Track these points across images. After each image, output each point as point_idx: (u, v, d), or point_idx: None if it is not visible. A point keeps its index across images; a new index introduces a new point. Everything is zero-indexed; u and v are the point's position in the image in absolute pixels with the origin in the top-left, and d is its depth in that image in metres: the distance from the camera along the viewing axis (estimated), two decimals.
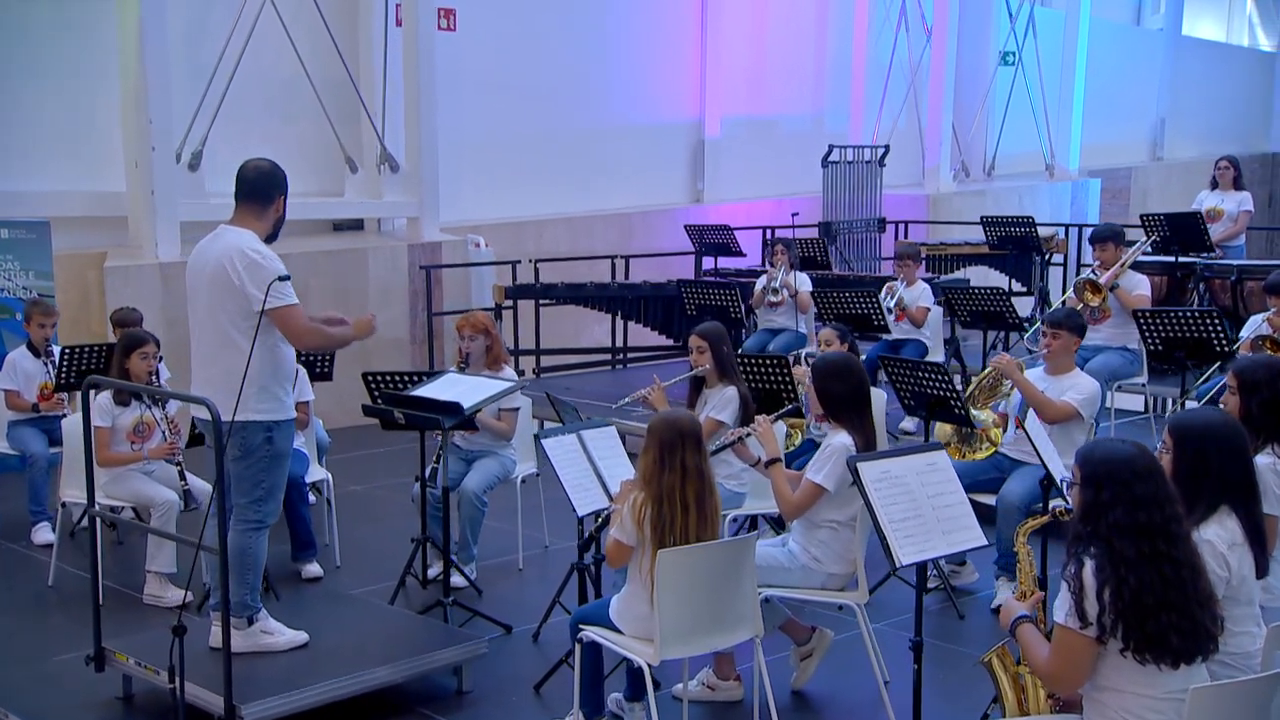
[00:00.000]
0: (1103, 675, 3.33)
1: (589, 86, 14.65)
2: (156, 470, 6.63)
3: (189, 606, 6.38)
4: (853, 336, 7.42)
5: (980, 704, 5.12)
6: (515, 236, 13.50)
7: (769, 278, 9.96)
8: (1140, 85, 21.59)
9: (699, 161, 15.81)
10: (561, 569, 7.04)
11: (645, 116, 15.30)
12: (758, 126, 16.27)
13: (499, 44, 13.57)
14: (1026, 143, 18.45)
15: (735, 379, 6.28)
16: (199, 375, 5.17)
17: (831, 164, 13.87)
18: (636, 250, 13.72)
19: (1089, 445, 3.44)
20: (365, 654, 5.22)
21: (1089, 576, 3.27)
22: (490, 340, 6.87)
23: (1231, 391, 4.56)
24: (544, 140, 14.23)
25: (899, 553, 4.07)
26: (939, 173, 16.51)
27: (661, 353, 12.54)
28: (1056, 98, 18.58)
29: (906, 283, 9.54)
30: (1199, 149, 23.17)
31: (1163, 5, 22.96)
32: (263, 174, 5.29)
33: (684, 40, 15.57)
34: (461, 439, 6.83)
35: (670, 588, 4.37)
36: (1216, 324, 7.44)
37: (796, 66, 16.81)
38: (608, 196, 14.90)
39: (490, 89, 13.47)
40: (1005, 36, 18.17)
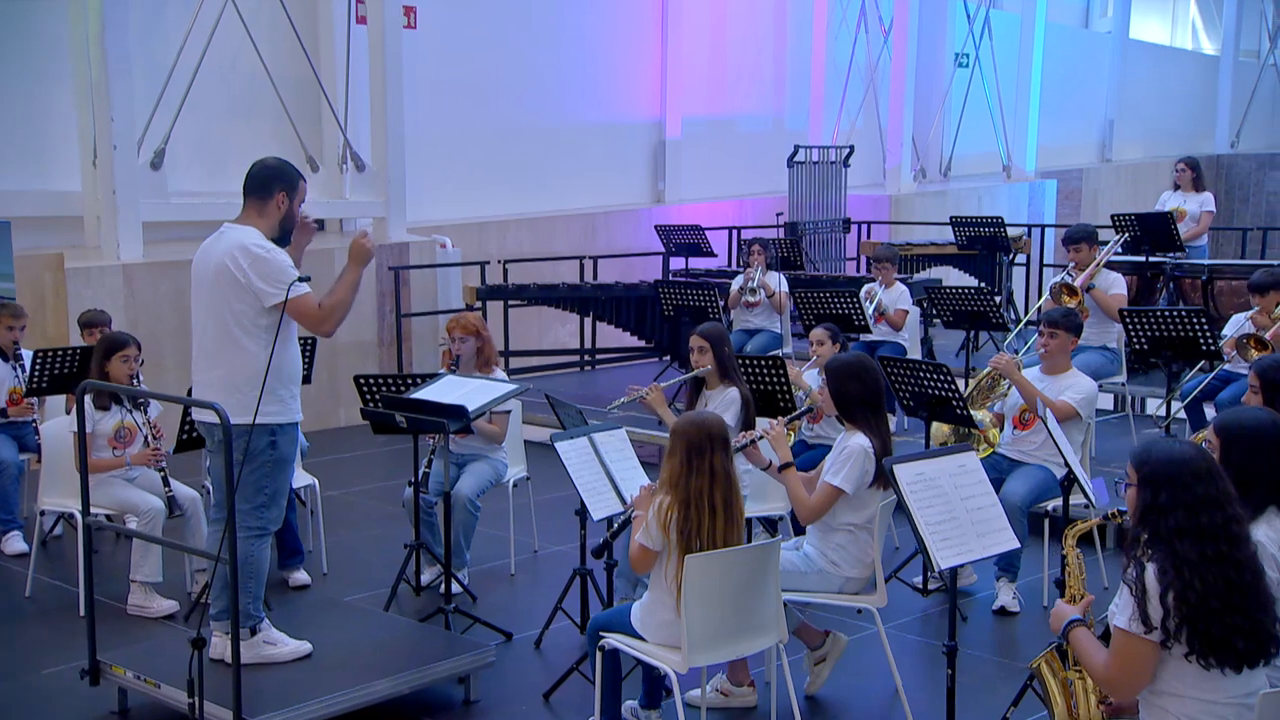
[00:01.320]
0: (1163, 680, 3.28)
1: (550, 86, 14.55)
2: (139, 476, 6.44)
3: (175, 617, 6.24)
4: (844, 336, 7.39)
5: (994, 707, 5.10)
6: (478, 237, 13.38)
7: (746, 278, 9.91)
8: (1089, 87, 21.83)
9: (660, 162, 15.76)
10: (553, 574, 6.97)
11: (606, 116, 15.23)
12: (718, 127, 16.25)
13: (458, 42, 13.43)
14: (983, 144, 18.57)
15: (737, 380, 6.21)
16: (200, 377, 5.02)
17: (797, 164, 13.85)
18: (600, 250, 13.65)
19: (1144, 446, 3.40)
20: (371, 664, 5.09)
21: (1151, 580, 3.22)
22: (481, 342, 6.75)
23: (1254, 391, 4.56)
24: (505, 140, 14.11)
25: (937, 556, 4.01)
26: (900, 173, 16.57)
27: (630, 354, 12.46)
28: (1013, 99, 18.73)
29: (884, 285, 9.54)
30: (1146, 151, 23.48)
31: (1110, 8, 23.22)
32: (264, 169, 5.13)
33: (644, 40, 15.51)
34: (452, 442, 6.70)
35: (698, 593, 4.29)
36: (1201, 323, 7.47)
37: (756, 67, 16.81)
38: (570, 197, 14.82)
39: (450, 88, 13.33)
40: (963, 38, 18.28)
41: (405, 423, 5.48)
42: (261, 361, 4.87)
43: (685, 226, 12.44)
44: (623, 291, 10.73)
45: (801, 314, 9.19)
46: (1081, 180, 20.63)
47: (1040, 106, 19.24)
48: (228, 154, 11.89)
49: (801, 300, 9.15)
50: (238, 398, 4.82)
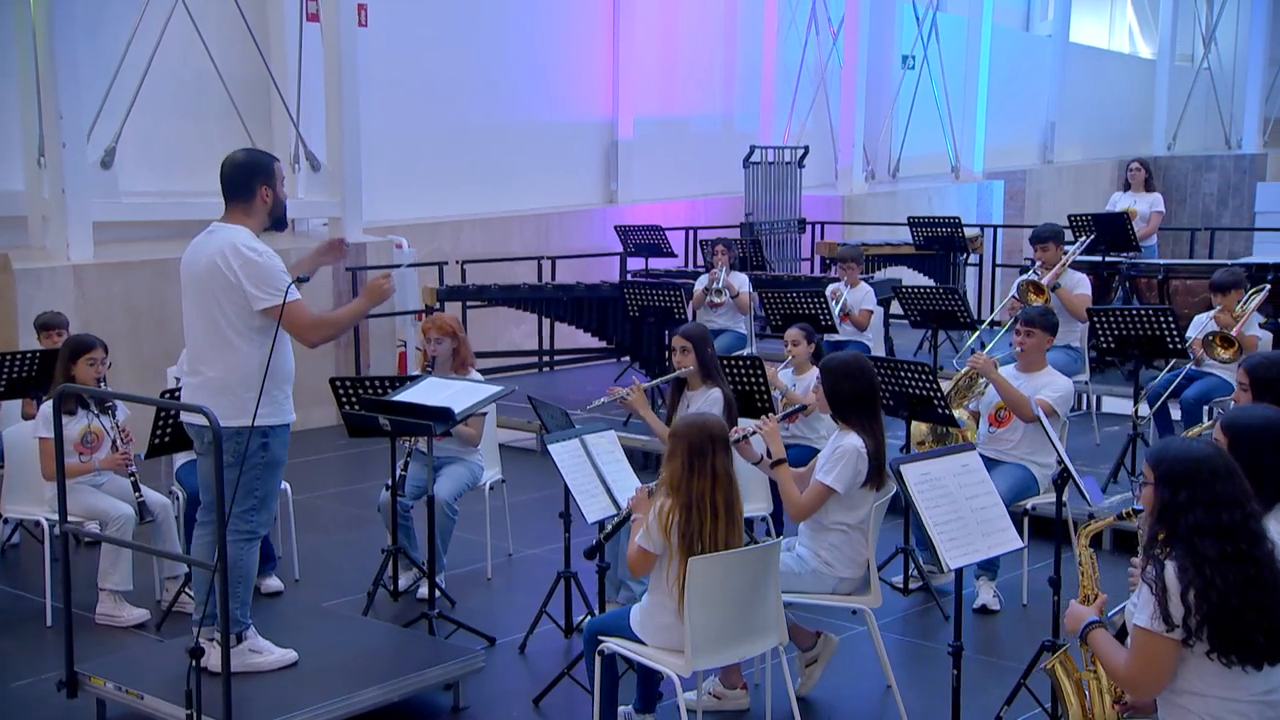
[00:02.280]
0: (1183, 679, 3.28)
1: (501, 86, 14.46)
2: (107, 482, 6.29)
3: (146, 625, 6.10)
4: (818, 337, 7.39)
5: (987, 706, 5.10)
6: (432, 237, 13.26)
7: (711, 278, 9.89)
8: (1031, 90, 22.04)
9: (612, 162, 15.71)
10: (530, 577, 6.91)
11: (558, 116, 15.16)
12: (670, 127, 16.23)
13: (409, 41, 13.29)
14: (930, 145, 18.71)
15: (719, 380, 6.19)
16: (192, 379, 4.91)
17: (753, 164, 13.86)
18: (555, 251, 13.59)
19: (1161, 445, 3.41)
20: (358, 672, 5.00)
21: (1172, 578, 3.22)
22: (457, 342, 6.68)
23: (1243, 389, 4.60)
24: (457, 140, 14.00)
25: (946, 557, 4.00)
26: (852, 174, 16.64)
27: (588, 355, 12.40)
28: (960, 101, 18.88)
29: (849, 285, 9.56)
30: (1086, 152, 23.77)
31: (1051, 12, 23.47)
32: (238, 167, 5.03)
33: (596, 40, 15.46)
34: (427, 445, 6.61)
35: (700, 596, 4.25)
36: (1168, 322, 7.55)
37: (707, 67, 16.81)
38: (523, 197, 14.73)
39: (400, 87, 13.19)
40: (910, 41, 18.40)
41: (389, 425, 5.38)
42: (254, 362, 4.81)
43: (645, 227, 12.41)
44: (584, 292, 10.66)
45: (768, 314, 9.19)
46: (1025, 181, 20.83)
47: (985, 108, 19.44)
48: (177, 153, 11.70)
49: (769, 300, 9.15)
50: (231, 399, 4.73)
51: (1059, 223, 10.19)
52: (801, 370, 7.17)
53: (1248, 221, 21.70)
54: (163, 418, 6.04)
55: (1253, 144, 24.76)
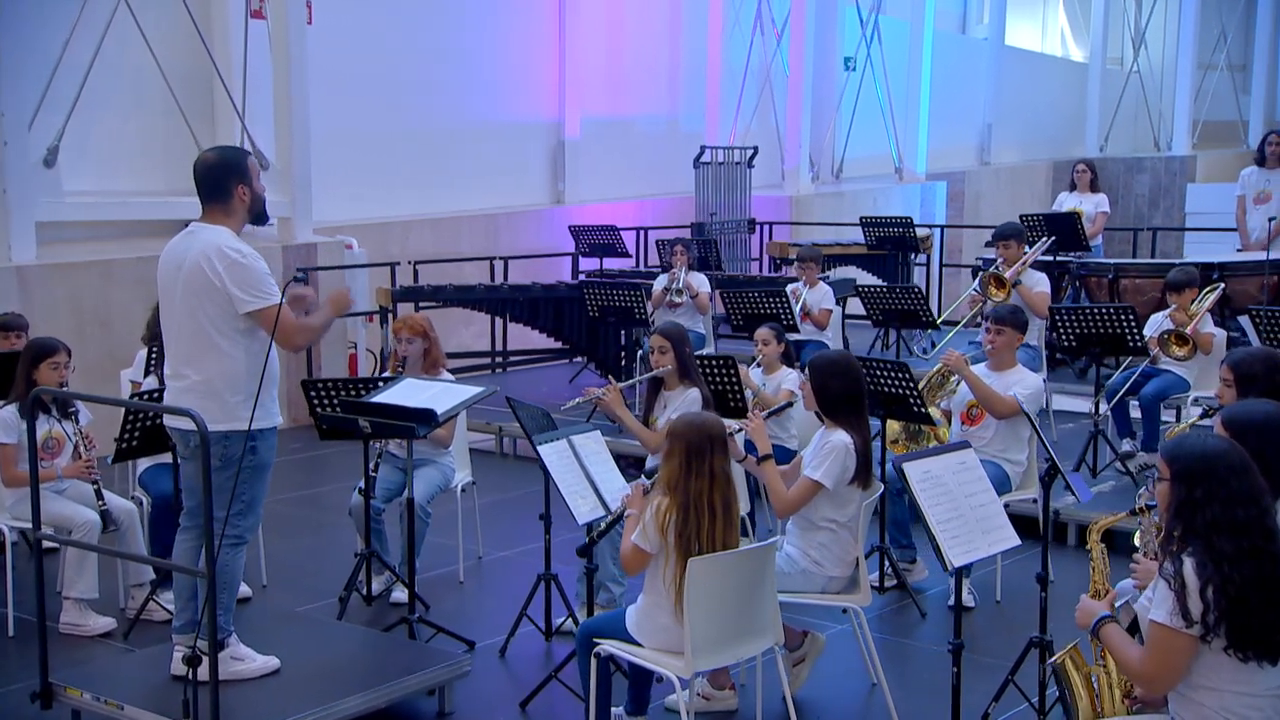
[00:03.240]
0: (1198, 674, 3.31)
1: (448, 85, 14.35)
2: (68, 489, 6.12)
3: (113, 634, 5.95)
4: (787, 336, 7.39)
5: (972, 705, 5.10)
6: (380, 238, 13.12)
7: (670, 278, 9.87)
8: (968, 92, 22.27)
9: (559, 162, 15.64)
10: (502, 580, 6.85)
11: (505, 116, 15.07)
12: (616, 127, 16.20)
13: (354, 40, 13.14)
14: (873, 146, 18.84)
15: (697, 380, 6.17)
16: (176, 383, 4.79)
17: (703, 165, 13.86)
18: (504, 251, 13.49)
19: (1176, 441, 3.43)
20: (342, 678, 4.92)
21: (1190, 575, 3.25)
22: (428, 343, 6.60)
23: (1227, 385, 4.66)
24: (404, 140, 13.87)
25: (949, 555, 4.00)
26: (798, 174, 16.71)
27: (541, 355, 12.32)
28: (903, 103, 19.03)
29: (808, 284, 9.59)
30: (1021, 154, 24.07)
31: (987, 15, 23.74)
32: (211, 168, 4.94)
33: (542, 40, 15.39)
34: (396, 447, 6.53)
35: (701, 596, 4.22)
36: (1129, 320, 7.65)
37: (653, 68, 16.80)
38: (471, 197, 14.62)
39: (347, 86, 13.03)
40: (853, 43, 18.52)
41: (369, 428, 5.29)
42: (240, 365, 4.74)
43: (600, 227, 12.37)
44: (541, 292, 10.60)
45: (730, 314, 9.19)
46: (964, 183, 21.05)
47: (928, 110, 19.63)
48: (120, 152, 11.48)
49: (730, 300, 9.14)
50: (217, 403, 4.64)
51: (1001, 222, 10.30)
52: (771, 370, 7.17)
53: (1178, 221, 22.10)
54: (131, 421, 5.89)
55: (1183, 146, 25.21)
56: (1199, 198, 22.61)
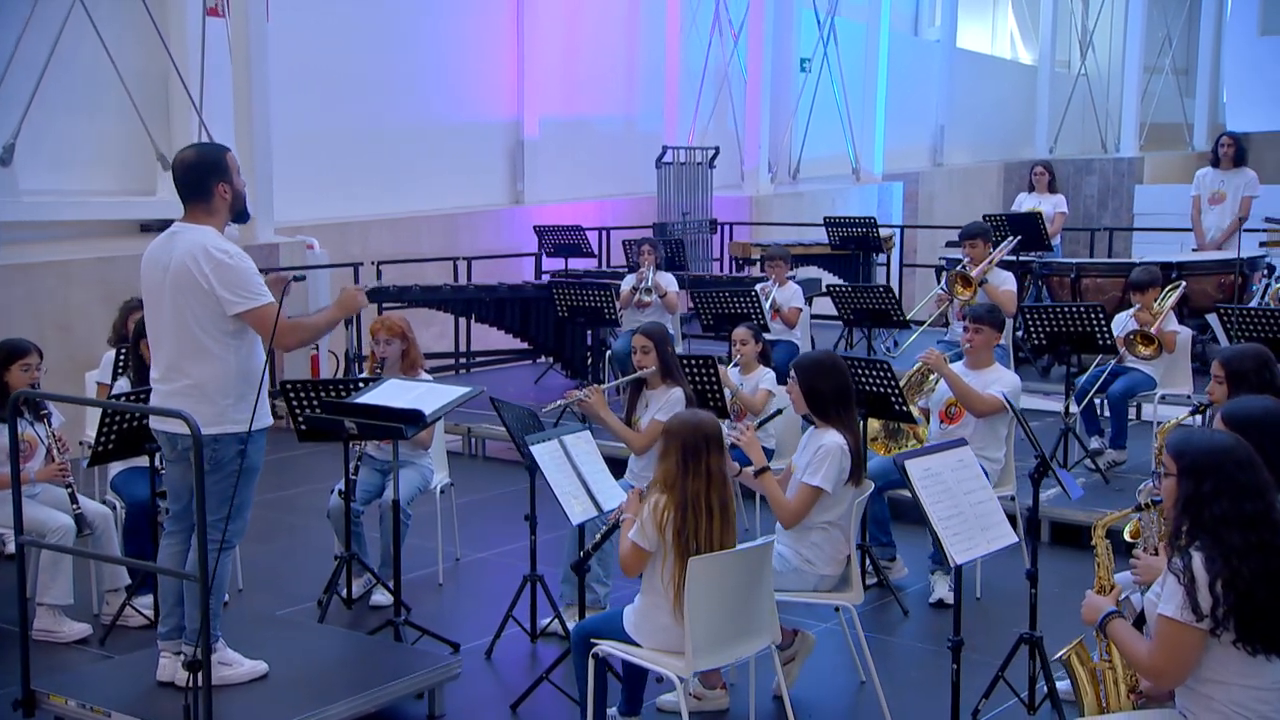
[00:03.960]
0: (1207, 668, 3.34)
1: (406, 85, 14.26)
2: (41, 493, 6.00)
3: (88, 641, 5.85)
4: (764, 336, 7.40)
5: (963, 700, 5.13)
6: (340, 238, 13.01)
7: (639, 279, 9.85)
8: (921, 94, 22.44)
9: (518, 162, 15.58)
10: (480, 582, 6.82)
11: (464, 116, 15.00)
12: (575, 127, 16.17)
13: (312, 40, 13.02)
14: (830, 147, 18.92)
15: (680, 380, 6.15)
16: (166, 386, 4.71)
17: (665, 165, 13.86)
18: (464, 251, 13.41)
19: (1183, 437, 3.46)
20: (331, 682, 4.86)
21: (1200, 569, 3.27)
22: (407, 344, 6.55)
23: (1218, 381, 4.72)
24: (363, 140, 13.76)
25: (952, 552, 4.02)
26: (758, 175, 16.76)
27: (505, 356, 12.26)
28: (859, 104, 19.14)
29: (778, 283, 9.61)
30: (973, 155, 24.28)
31: (939, 18, 23.93)
32: (190, 167, 4.85)
33: (501, 40, 15.32)
34: (375, 449, 6.48)
35: (701, 596, 4.21)
36: (1099, 318, 7.72)
37: (611, 68, 16.78)
38: (430, 197, 14.54)
39: (304, 86, 12.92)
40: (813, 44, 18.61)
41: (355, 429, 5.23)
42: (230, 367, 4.68)
43: (565, 227, 12.34)
44: (508, 293, 10.55)
45: (700, 314, 9.19)
46: (918, 183, 21.21)
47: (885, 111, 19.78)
48: (75, 151, 11.31)
49: (700, 300, 9.14)
50: (208, 405, 4.56)
51: (953, 222, 10.37)
52: (749, 370, 7.17)
53: (1127, 222, 22.39)
54: (109, 424, 5.79)
55: (1130, 148, 25.55)
56: (1147, 198, 22.94)
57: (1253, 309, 7.96)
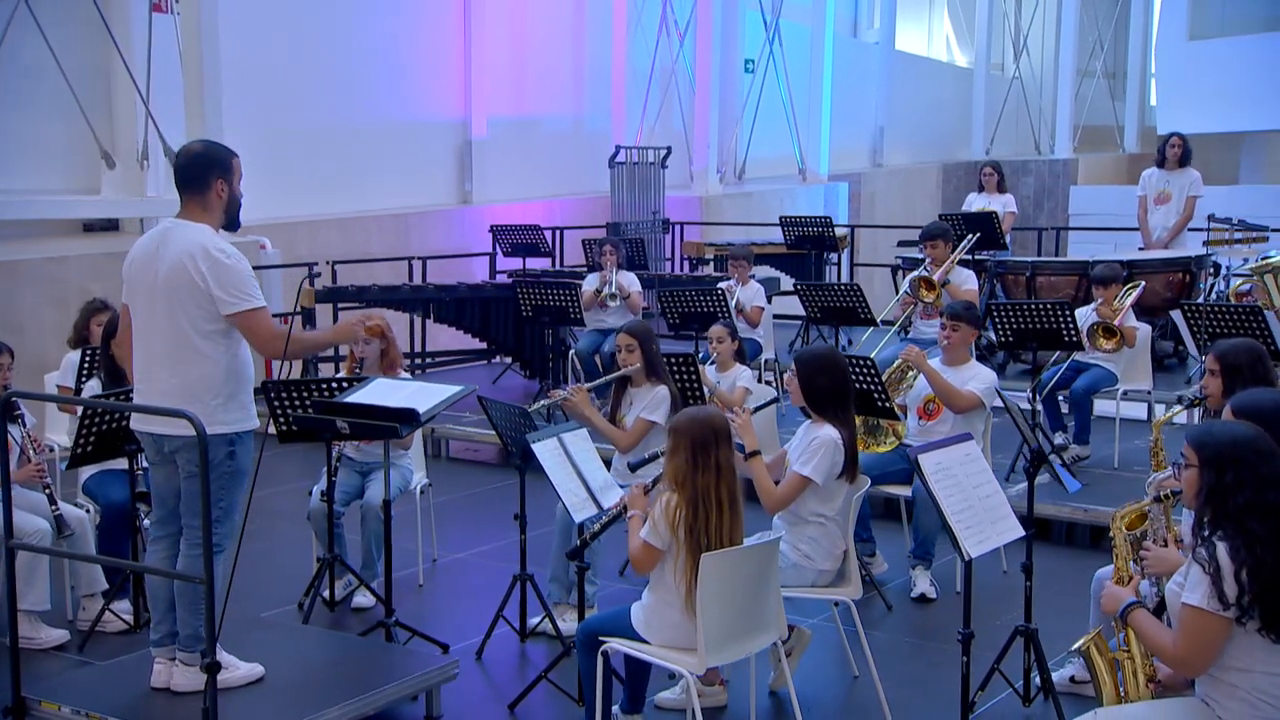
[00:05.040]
0: (1230, 655, 3.40)
1: (353, 84, 14.14)
2: (16, 496, 5.86)
3: (66, 647, 5.73)
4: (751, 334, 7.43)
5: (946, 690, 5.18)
6: (288, 238, 12.85)
7: (602, 280, 9.82)
8: (861, 95, 22.63)
9: (466, 161, 15.50)
10: (461, 582, 6.78)
11: (412, 115, 14.90)
12: (522, 127, 16.11)
13: (259, 38, 12.85)
14: (775, 147, 19.03)
15: (665, 378, 6.15)
16: (151, 387, 4.63)
17: (618, 165, 13.86)
18: (414, 251, 13.30)
19: (1204, 428, 3.52)
20: (330, 685, 4.81)
21: (1225, 558, 3.33)
22: (386, 344, 6.49)
23: (1213, 374, 4.80)
24: (311, 139, 13.62)
25: (966, 545, 4.06)
26: (707, 175, 16.81)
27: (463, 357, 12.18)
28: (805, 105, 19.26)
29: (740, 283, 9.65)
30: (912, 156, 24.54)
31: (877, 20, 24.15)
32: (194, 158, 4.80)
33: (448, 39, 15.24)
34: (354, 450, 6.41)
35: (713, 592, 4.22)
36: (1066, 315, 7.83)
37: (558, 68, 16.76)
38: (378, 197, 14.43)
39: (252, 84, 12.75)
40: (759, 46, 18.70)
41: (347, 428, 5.17)
42: (220, 367, 4.63)
43: (522, 226, 12.31)
44: (467, 292, 10.49)
45: (666, 313, 9.19)
46: (860, 183, 21.39)
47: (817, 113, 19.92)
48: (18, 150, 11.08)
49: (667, 300, 9.15)
50: (197, 406, 4.48)
51: (894, 222, 10.46)
52: (725, 367, 7.19)
53: (1063, 221, 22.75)
54: (87, 426, 5.67)
55: (1065, 150, 25.96)
56: (1081, 199, 23.34)
57: (1216, 305, 8.11)
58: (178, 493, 4.73)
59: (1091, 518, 7.25)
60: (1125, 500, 6.56)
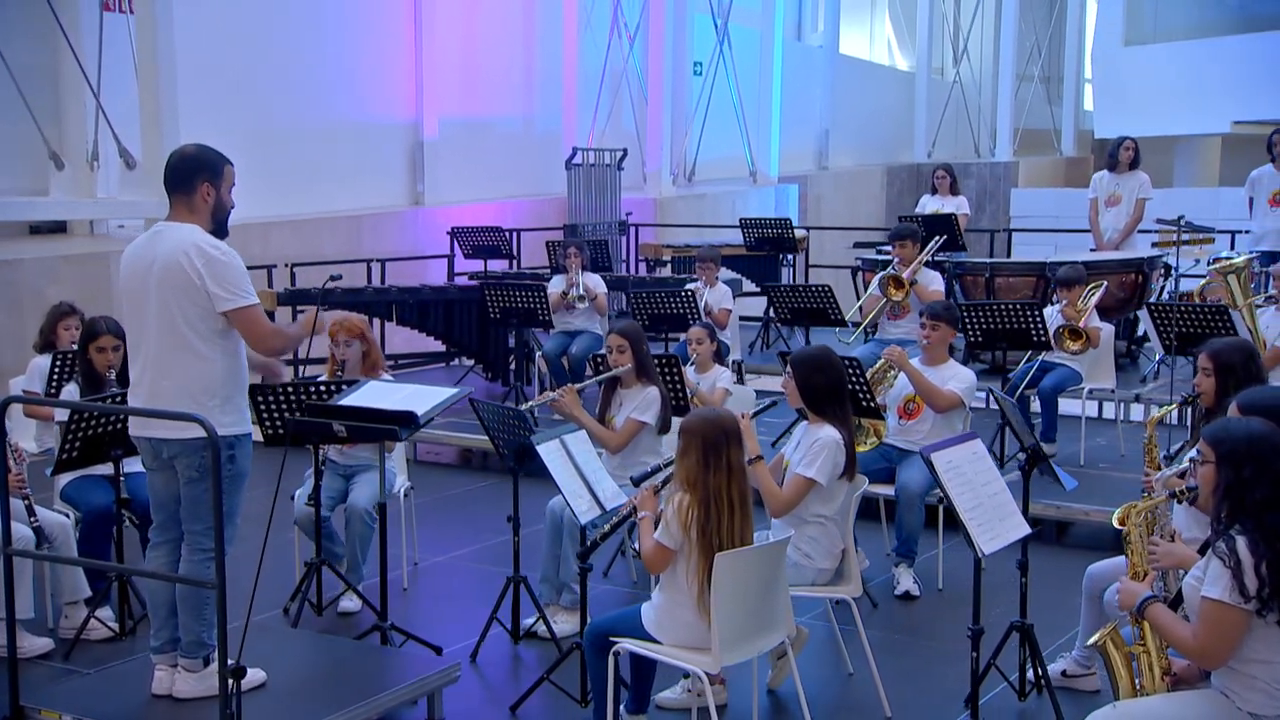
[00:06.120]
0: (1249, 648, 3.48)
1: (304, 85, 14.02)
2: None
3: (51, 656, 5.63)
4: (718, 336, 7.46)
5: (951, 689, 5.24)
6: (240, 240, 12.51)
7: (568, 282, 9.81)
8: (806, 98, 22.78)
9: (418, 163, 15.41)
10: (445, 585, 6.75)
11: (363, 116, 14.79)
12: (474, 128, 16.05)
13: (208, 38, 12.69)
14: (725, 149, 19.11)
15: (655, 379, 6.17)
16: (147, 389, 4.57)
17: (575, 166, 13.85)
18: (368, 253, 13.20)
19: (1220, 425, 3.60)
20: (334, 689, 4.77)
21: (1245, 552, 3.41)
22: (367, 345, 6.45)
23: (1206, 374, 4.90)
24: (261, 140, 13.44)
25: (980, 543, 4.11)
26: (660, 177, 16.84)
27: (421, 359, 12.11)
28: (755, 108, 19.36)
29: (707, 284, 9.69)
30: (856, 159, 24.76)
31: (821, 23, 24.33)
32: (184, 159, 4.77)
33: (399, 39, 15.14)
34: (337, 453, 6.36)
35: (726, 592, 4.24)
36: (1034, 316, 7.95)
37: (509, 69, 16.71)
38: (330, 199, 14.30)
39: (203, 84, 12.59)
40: (710, 49, 18.78)
41: (344, 431, 5.13)
42: (217, 368, 4.59)
43: (484, 228, 12.26)
44: (431, 294, 10.43)
45: (636, 315, 9.20)
46: (807, 186, 21.54)
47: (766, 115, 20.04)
48: None
49: (636, 301, 9.17)
50: (195, 410, 4.43)
51: (840, 224, 10.54)
52: (704, 369, 7.22)
53: (1004, 223, 23.07)
54: (73, 431, 5.57)
55: (1005, 153, 26.31)
56: (1022, 201, 23.68)
57: (1184, 305, 8.25)
58: (176, 498, 4.68)
59: (1063, 514, 7.37)
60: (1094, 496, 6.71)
